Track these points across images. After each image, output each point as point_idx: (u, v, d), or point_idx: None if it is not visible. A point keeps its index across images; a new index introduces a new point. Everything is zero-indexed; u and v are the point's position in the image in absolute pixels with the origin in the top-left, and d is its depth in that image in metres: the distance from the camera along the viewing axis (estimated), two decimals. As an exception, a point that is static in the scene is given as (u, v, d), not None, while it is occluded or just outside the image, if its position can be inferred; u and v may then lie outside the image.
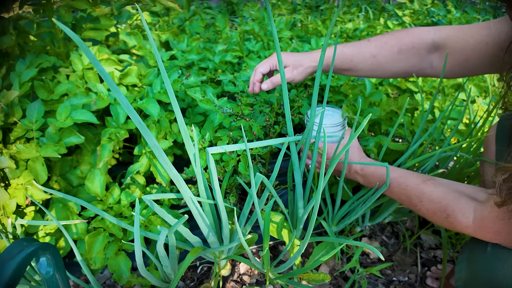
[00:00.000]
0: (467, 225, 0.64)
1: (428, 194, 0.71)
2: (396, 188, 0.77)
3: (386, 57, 0.83)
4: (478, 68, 0.78)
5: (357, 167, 0.84)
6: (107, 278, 0.98)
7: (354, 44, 0.85)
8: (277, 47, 0.64)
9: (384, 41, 0.83)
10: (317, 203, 0.63)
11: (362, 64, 0.84)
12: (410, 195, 0.74)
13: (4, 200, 0.76)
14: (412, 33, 0.82)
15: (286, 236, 0.86)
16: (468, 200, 0.65)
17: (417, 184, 0.73)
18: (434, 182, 0.72)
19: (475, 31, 0.75)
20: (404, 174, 0.77)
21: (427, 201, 0.71)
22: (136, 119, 0.47)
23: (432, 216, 0.70)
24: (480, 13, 2.51)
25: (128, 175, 0.87)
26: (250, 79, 0.91)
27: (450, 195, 0.68)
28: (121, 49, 1.24)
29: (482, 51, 0.74)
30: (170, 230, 0.61)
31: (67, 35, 0.35)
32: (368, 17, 2.26)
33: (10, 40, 0.97)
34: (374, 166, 0.81)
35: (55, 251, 0.58)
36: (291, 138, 0.74)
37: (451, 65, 0.80)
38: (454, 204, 0.66)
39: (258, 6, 2.48)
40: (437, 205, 0.69)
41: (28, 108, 0.85)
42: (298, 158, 0.78)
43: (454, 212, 0.66)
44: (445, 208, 0.67)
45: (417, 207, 0.73)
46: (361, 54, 0.84)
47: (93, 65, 0.39)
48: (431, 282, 1.00)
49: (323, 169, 0.62)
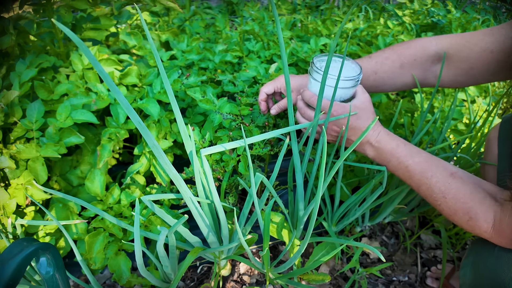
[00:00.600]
0: (487, 230, 0.61)
1: (454, 191, 0.63)
2: (418, 175, 0.67)
3: (387, 73, 0.82)
4: (484, 77, 0.76)
5: (371, 138, 0.71)
6: (107, 278, 0.98)
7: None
8: (285, 71, 0.62)
9: (385, 56, 0.82)
10: (316, 203, 0.63)
11: (365, 82, 0.83)
12: (433, 188, 0.65)
13: (4, 200, 0.76)
14: (413, 46, 0.81)
15: (286, 236, 0.86)
16: (491, 202, 0.61)
17: (445, 176, 0.64)
18: (462, 176, 0.64)
19: (479, 39, 0.73)
20: (431, 160, 0.67)
21: (452, 199, 0.63)
22: (135, 119, 0.47)
23: (452, 215, 0.64)
24: (480, 13, 2.51)
25: (128, 175, 0.87)
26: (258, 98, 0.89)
27: (476, 196, 0.62)
28: (121, 49, 1.24)
29: (487, 58, 0.72)
30: (170, 230, 0.61)
31: (67, 35, 0.35)
32: (368, 17, 2.26)
33: (10, 40, 0.97)
34: (395, 142, 0.69)
35: (55, 251, 0.58)
36: (294, 127, 0.69)
37: (455, 74, 0.79)
38: (479, 207, 0.61)
39: (258, 6, 2.48)
40: (461, 206, 0.63)
41: (28, 108, 0.85)
42: (300, 160, 0.76)
43: (477, 216, 0.61)
44: (469, 211, 0.62)
45: (438, 202, 0.65)
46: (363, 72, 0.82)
47: (93, 65, 0.39)
48: (431, 282, 1.00)
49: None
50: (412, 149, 0.69)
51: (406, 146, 0.69)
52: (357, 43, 1.41)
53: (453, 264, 1.04)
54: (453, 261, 1.05)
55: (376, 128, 0.71)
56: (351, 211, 0.93)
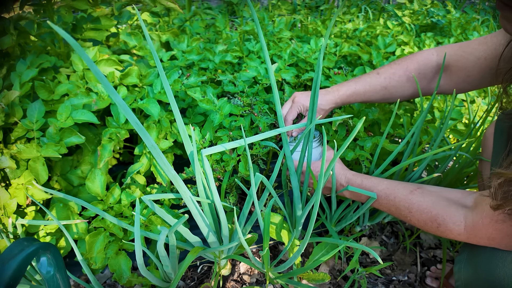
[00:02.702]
0: (460, 232, 0.65)
1: (417, 205, 0.71)
2: (384, 200, 0.77)
3: (396, 87, 0.89)
4: (481, 83, 0.82)
5: (341, 181, 0.84)
6: (107, 277, 0.98)
7: (364, 80, 0.90)
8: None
9: (392, 72, 0.89)
10: (317, 203, 0.63)
11: (375, 96, 0.90)
12: (399, 207, 0.74)
13: (5, 200, 0.76)
14: (416, 60, 0.88)
15: (285, 236, 0.86)
16: (458, 208, 0.66)
17: (405, 195, 0.73)
18: (422, 191, 0.72)
19: (473, 48, 0.80)
20: (391, 185, 0.77)
21: (416, 211, 0.71)
22: (133, 120, 0.47)
23: (424, 226, 0.71)
24: (479, 13, 2.51)
25: (129, 175, 0.87)
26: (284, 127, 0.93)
27: (439, 204, 0.68)
28: (121, 49, 1.24)
29: (482, 66, 0.78)
30: (170, 230, 0.61)
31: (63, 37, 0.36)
32: (368, 18, 2.27)
33: (11, 41, 0.97)
34: (360, 178, 0.81)
35: (55, 250, 0.58)
36: (289, 127, 0.73)
37: (454, 82, 0.85)
38: (444, 213, 0.66)
39: (258, 7, 2.48)
40: (427, 215, 0.69)
41: (29, 108, 0.85)
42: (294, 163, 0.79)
43: (445, 221, 0.66)
44: (436, 218, 0.67)
45: (408, 218, 0.73)
46: (372, 88, 0.89)
47: (89, 67, 0.39)
48: (430, 282, 1.00)
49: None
50: (375, 180, 0.79)
51: (369, 180, 0.80)
52: (357, 43, 1.42)
53: (453, 264, 1.04)
54: (453, 261, 1.05)
55: (343, 172, 0.84)
56: (350, 212, 0.94)
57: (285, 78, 1.13)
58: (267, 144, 0.88)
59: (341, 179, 0.84)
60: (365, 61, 1.27)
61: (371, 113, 1.04)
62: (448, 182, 0.98)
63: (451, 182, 0.99)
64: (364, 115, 1.05)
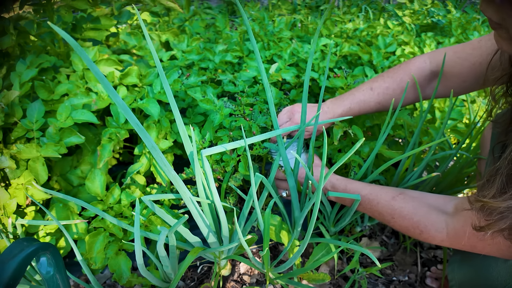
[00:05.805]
0: (442, 239, 0.65)
1: (398, 211, 0.71)
2: (368, 205, 0.77)
3: (389, 100, 0.89)
4: (475, 87, 0.83)
5: (327, 185, 0.84)
6: (107, 278, 0.98)
7: (359, 98, 0.89)
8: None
9: (385, 86, 0.88)
10: (317, 202, 0.63)
11: (370, 111, 0.92)
12: (381, 212, 0.74)
13: (5, 200, 0.76)
14: (410, 71, 0.87)
15: (285, 237, 0.86)
16: (439, 214, 0.66)
17: (387, 201, 0.73)
18: (404, 197, 0.72)
19: (468, 53, 0.79)
20: (375, 190, 0.77)
21: (398, 217, 0.71)
22: (133, 120, 0.47)
23: (407, 232, 0.71)
24: (479, 13, 2.51)
25: (128, 175, 0.87)
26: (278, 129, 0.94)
27: (420, 211, 0.68)
28: (121, 49, 1.24)
29: (477, 71, 0.78)
30: (170, 230, 0.61)
31: (63, 37, 0.36)
32: (368, 17, 2.26)
33: (11, 40, 0.97)
34: (344, 183, 0.81)
35: (55, 251, 0.58)
36: (287, 129, 0.74)
37: (450, 88, 0.85)
38: (426, 220, 0.67)
39: (258, 6, 2.48)
40: (409, 222, 0.69)
41: (29, 108, 0.85)
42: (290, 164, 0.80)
43: (427, 228, 0.66)
44: (418, 225, 0.68)
45: (391, 224, 0.73)
46: (367, 105, 0.89)
47: (89, 67, 0.39)
48: (430, 282, 1.00)
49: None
50: (358, 185, 0.79)
51: (352, 185, 0.80)
52: (357, 43, 1.41)
53: (453, 264, 1.04)
54: (453, 261, 1.05)
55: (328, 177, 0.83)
56: (347, 213, 0.93)
57: (285, 78, 1.13)
58: (268, 146, 0.88)
59: (326, 184, 0.84)
60: (365, 61, 1.27)
61: (370, 120, 1.04)
62: (448, 182, 0.98)
63: (451, 182, 0.99)
64: (362, 120, 1.04)
